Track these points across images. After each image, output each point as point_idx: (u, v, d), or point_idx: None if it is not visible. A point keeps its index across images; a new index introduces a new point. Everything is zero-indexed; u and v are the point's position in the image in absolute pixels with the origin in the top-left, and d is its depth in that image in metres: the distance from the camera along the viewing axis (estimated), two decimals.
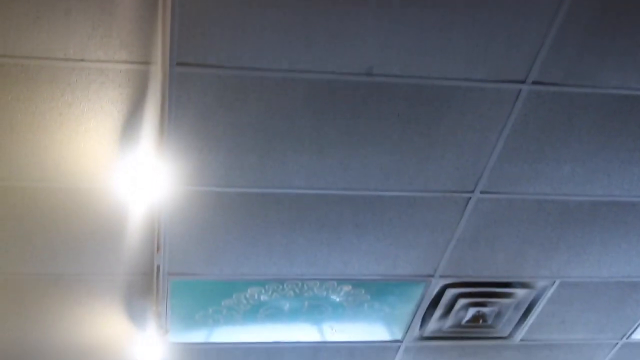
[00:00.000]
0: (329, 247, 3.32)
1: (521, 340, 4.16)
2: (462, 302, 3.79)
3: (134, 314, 3.62)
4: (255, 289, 3.54)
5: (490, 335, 4.11)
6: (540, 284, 3.72)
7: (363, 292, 3.64)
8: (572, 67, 2.64)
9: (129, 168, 2.81)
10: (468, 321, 3.94)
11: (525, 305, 3.88)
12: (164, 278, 3.39)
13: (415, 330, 3.98)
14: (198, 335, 3.85)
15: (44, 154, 2.73)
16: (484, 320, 3.95)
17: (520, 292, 3.77)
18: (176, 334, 3.80)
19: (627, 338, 4.25)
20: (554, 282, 3.71)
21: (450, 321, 3.94)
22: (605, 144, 2.99)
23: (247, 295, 3.58)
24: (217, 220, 3.12)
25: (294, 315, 3.76)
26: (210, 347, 3.94)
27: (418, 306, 3.79)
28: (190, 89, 2.56)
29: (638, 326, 4.14)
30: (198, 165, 2.85)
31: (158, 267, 3.30)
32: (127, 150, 2.76)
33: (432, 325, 3.95)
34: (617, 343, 4.29)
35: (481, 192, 3.12)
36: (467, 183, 3.07)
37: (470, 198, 3.14)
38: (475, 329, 4.03)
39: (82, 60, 2.43)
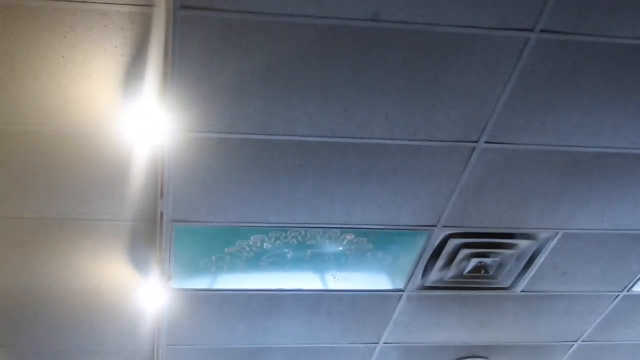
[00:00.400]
0: (332, 195, 3.32)
1: (522, 291, 4.18)
2: (464, 252, 3.80)
3: (138, 259, 3.63)
4: (259, 236, 3.55)
5: (491, 286, 4.13)
6: (543, 235, 3.73)
7: (366, 241, 3.65)
8: (581, 15, 2.60)
9: (133, 113, 2.80)
10: (470, 272, 3.95)
11: (527, 257, 3.89)
12: (167, 224, 3.40)
13: (417, 280, 4.00)
14: (201, 282, 3.87)
15: (46, 97, 2.72)
16: (486, 271, 3.96)
17: (522, 243, 3.78)
18: (179, 280, 3.82)
19: (628, 290, 4.27)
20: (557, 233, 3.71)
21: (452, 271, 3.95)
22: (613, 95, 2.96)
23: (250, 243, 3.59)
24: (221, 167, 3.12)
25: (296, 263, 3.78)
26: (213, 294, 3.96)
27: (420, 256, 3.80)
28: (194, 33, 2.54)
29: (639, 279, 4.15)
30: (202, 111, 2.83)
31: (161, 214, 3.31)
32: (131, 95, 2.74)
33: (434, 275, 3.97)
34: (618, 295, 4.31)
35: (486, 142, 3.10)
36: (472, 132, 3.05)
37: (474, 148, 3.13)
38: (476, 280, 4.05)
39: (84, 1, 2.40)
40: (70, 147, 2.94)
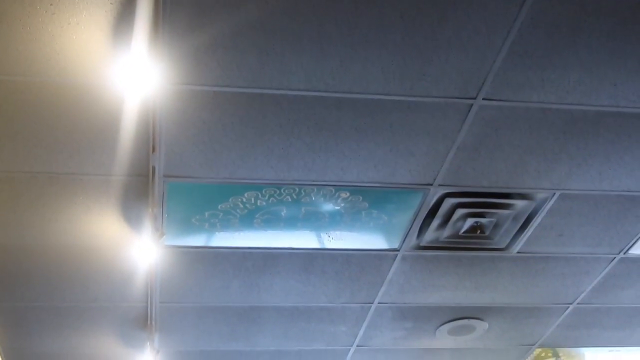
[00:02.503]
0: (327, 152, 3.27)
1: (518, 252, 4.15)
2: (460, 212, 3.76)
3: (130, 215, 3.60)
4: (252, 193, 3.51)
5: (487, 247, 4.10)
6: (540, 195, 3.69)
7: (361, 199, 3.61)
8: None
9: (123, 64, 2.73)
10: (466, 232, 3.92)
11: (524, 217, 3.85)
12: (159, 180, 3.36)
13: (413, 240, 3.97)
14: (194, 239, 3.84)
15: (34, 48, 2.65)
16: (482, 231, 3.93)
17: (519, 204, 3.74)
18: (172, 237, 3.78)
19: (624, 253, 4.24)
20: (554, 194, 3.68)
21: (447, 231, 3.92)
22: (614, 52, 2.90)
23: (244, 200, 3.55)
24: (214, 122, 3.06)
25: (291, 221, 3.74)
26: (206, 251, 3.94)
27: (416, 215, 3.77)
28: None
29: (636, 241, 4.12)
30: (194, 63, 2.77)
31: (153, 169, 3.26)
32: (121, 46, 2.68)
33: (430, 235, 3.94)
34: (614, 257, 4.28)
35: (484, 99, 3.05)
36: (469, 89, 2.99)
37: (472, 105, 3.07)
38: (472, 240, 4.02)
39: None
40: (59, 99, 2.89)
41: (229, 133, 3.12)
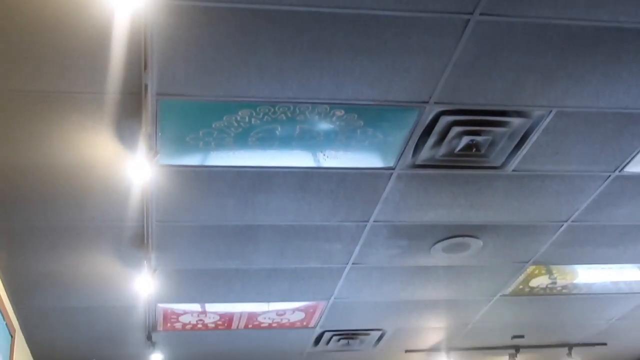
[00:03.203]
0: (321, 69, 3.23)
1: (513, 170, 4.15)
2: (456, 130, 3.74)
3: (124, 134, 3.57)
4: (246, 111, 3.47)
5: (482, 165, 4.09)
6: (536, 113, 3.66)
7: (356, 117, 3.58)
8: None
9: None
10: (461, 150, 3.91)
11: (520, 135, 3.83)
12: (152, 98, 3.32)
13: (408, 158, 3.96)
14: (189, 158, 3.82)
15: None
16: (477, 149, 3.92)
17: (515, 121, 3.72)
18: (166, 156, 3.77)
19: (619, 171, 4.24)
20: (551, 111, 3.65)
21: (443, 149, 3.91)
22: None
23: (238, 118, 3.52)
24: (207, 38, 3.01)
25: (285, 140, 3.72)
26: (201, 170, 3.93)
27: (411, 133, 3.75)
28: None
29: (632, 159, 4.11)
30: None
31: (146, 87, 3.22)
32: None
33: (425, 153, 3.93)
34: (609, 175, 4.28)
35: (481, 14, 2.99)
36: (466, 4, 2.93)
37: (469, 20, 3.01)
38: (468, 158, 4.01)
39: None
40: (48, 15, 2.82)
41: (222, 50, 3.07)
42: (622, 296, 6.23)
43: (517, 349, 7.39)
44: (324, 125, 3.64)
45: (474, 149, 3.91)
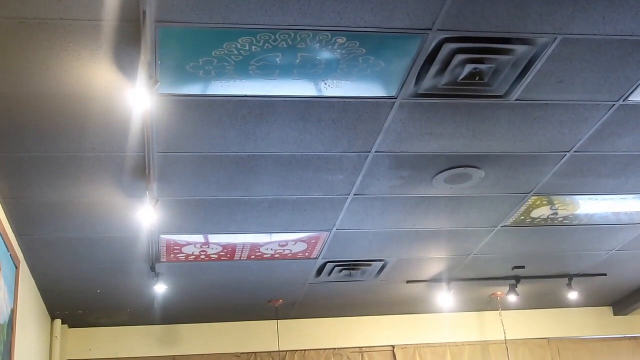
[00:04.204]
0: None
1: (517, 99, 4.11)
2: (459, 58, 3.69)
3: (123, 63, 3.53)
4: (247, 38, 3.42)
5: (485, 94, 4.05)
6: (541, 40, 3.61)
7: (357, 45, 3.53)
8: None
9: None
10: (464, 78, 3.87)
11: (524, 63, 3.78)
12: (151, 25, 3.27)
13: (410, 87, 3.92)
14: (189, 87, 3.79)
15: None
16: (481, 78, 3.87)
17: (519, 49, 3.67)
18: (166, 85, 3.73)
19: (624, 100, 4.20)
20: (555, 38, 3.59)
21: (446, 78, 3.86)
22: None
23: (238, 46, 3.47)
24: None
25: (286, 68, 3.68)
26: (202, 100, 3.89)
27: (414, 61, 3.70)
28: None
29: (636, 87, 4.07)
30: None
31: (144, 13, 3.17)
32: None
33: (428, 82, 3.88)
34: (613, 104, 4.24)
35: None
36: None
37: None
38: (470, 87, 3.96)
39: None
40: None
41: None
42: (622, 227, 6.25)
43: (517, 279, 7.46)
44: (325, 54, 3.59)
45: (477, 78, 3.86)
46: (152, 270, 6.33)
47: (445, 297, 7.49)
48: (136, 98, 3.63)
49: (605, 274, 7.53)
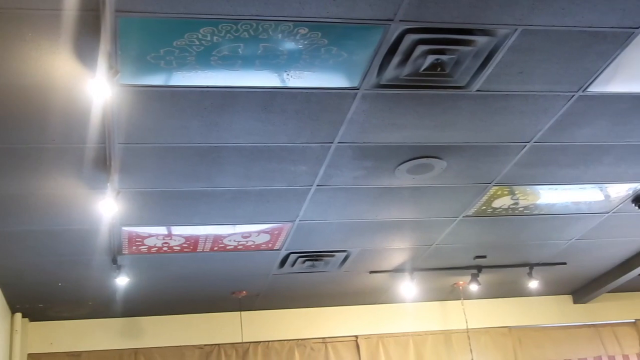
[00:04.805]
0: None
1: (478, 90, 4.14)
2: (421, 49, 3.71)
3: (83, 53, 3.49)
4: (208, 29, 3.40)
5: (447, 85, 4.08)
6: (502, 31, 3.63)
7: (320, 35, 3.53)
8: None
9: None
10: (426, 69, 3.88)
11: (485, 54, 3.81)
12: (111, 15, 3.23)
13: (373, 78, 3.93)
14: (150, 78, 3.75)
15: None
16: (442, 69, 3.89)
17: (480, 40, 3.69)
18: (127, 75, 3.70)
19: (583, 90, 4.25)
20: (516, 29, 3.62)
21: (408, 69, 3.88)
22: None
23: (200, 36, 3.44)
24: None
25: (249, 59, 3.66)
26: (164, 90, 3.86)
27: (376, 52, 3.70)
28: None
29: (595, 78, 4.12)
30: None
31: (104, 3, 3.13)
32: None
33: (390, 72, 3.90)
34: (573, 95, 4.30)
35: None
36: None
37: None
38: (432, 78, 3.99)
39: None
40: None
41: None
42: (582, 216, 6.34)
43: (479, 268, 7.53)
44: (288, 44, 3.58)
45: (438, 69, 3.88)
46: (114, 262, 6.27)
47: (408, 287, 7.53)
48: (96, 89, 3.58)
49: (565, 263, 7.63)
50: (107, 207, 4.87)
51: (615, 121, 4.65)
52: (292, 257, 6.66)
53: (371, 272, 7.39)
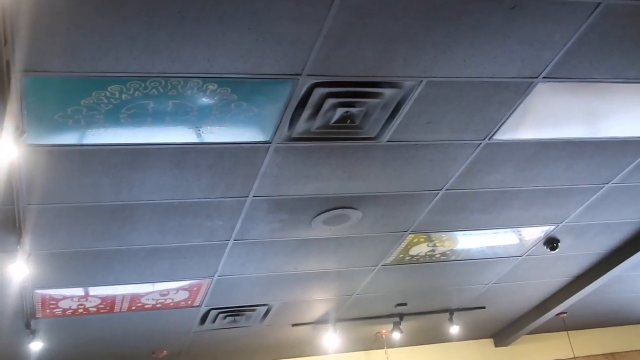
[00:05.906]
0: (191, 42, 3.18)
1: (388, 140, 4.22)
2: (330, 102, 3.77)
3: None
4: (116, 86, 3.39)
5: (358, 136, 4.15)
6: (408, 83, 3.73)
7: (229, 91, 3.55)
8: None
9: None
10: (336, 122, 3.95)
11: (393, 105, 3.90)
12: (15, 75, 3.19)
13: (284, 131, 3.96)
14: (58, 137, 3.70)
15: None
16: (352, 121, 3.96)
17: (388, 92, 3.78)
18: (34, 135, 3.64)
19: (489, 139, 4.38)
20: (421, 81, 3.72)
21: (318, 122, 3.93)
22: None
23: (108, 94, 3.43)
24: (68, 10, 2.91)
25: (159, 116, 3.66)
26: (73, 149, 3.81)
27: (286, 106, 3.75)
28: None
29: (500, 126, 4.26)
30: None
31: (8, 63, 3.09)
32: None
33: (301, 126, 3.94)
34: (480, 143, 4.42)
35: None
36: None
37: None
38: (343, 130, 4.05)
39: None
40: None
41: (85, 23, 2.98)
42: (497, 260, 6.47)
43: (401, 316, 7.57)
44: (198, 100, 3.59)
45: (348, 121, 3.95)
46: (28, 327, 6.07)
47: (331, 338, 7.51)
48: (2, 149, 3.51)
49: (484, 307, 7.74)
50: (17, 270, 4.73)
51: (522, 167, 4.79)
52: (213, 313, 6.58)
53: (293, 324, 7.34)
